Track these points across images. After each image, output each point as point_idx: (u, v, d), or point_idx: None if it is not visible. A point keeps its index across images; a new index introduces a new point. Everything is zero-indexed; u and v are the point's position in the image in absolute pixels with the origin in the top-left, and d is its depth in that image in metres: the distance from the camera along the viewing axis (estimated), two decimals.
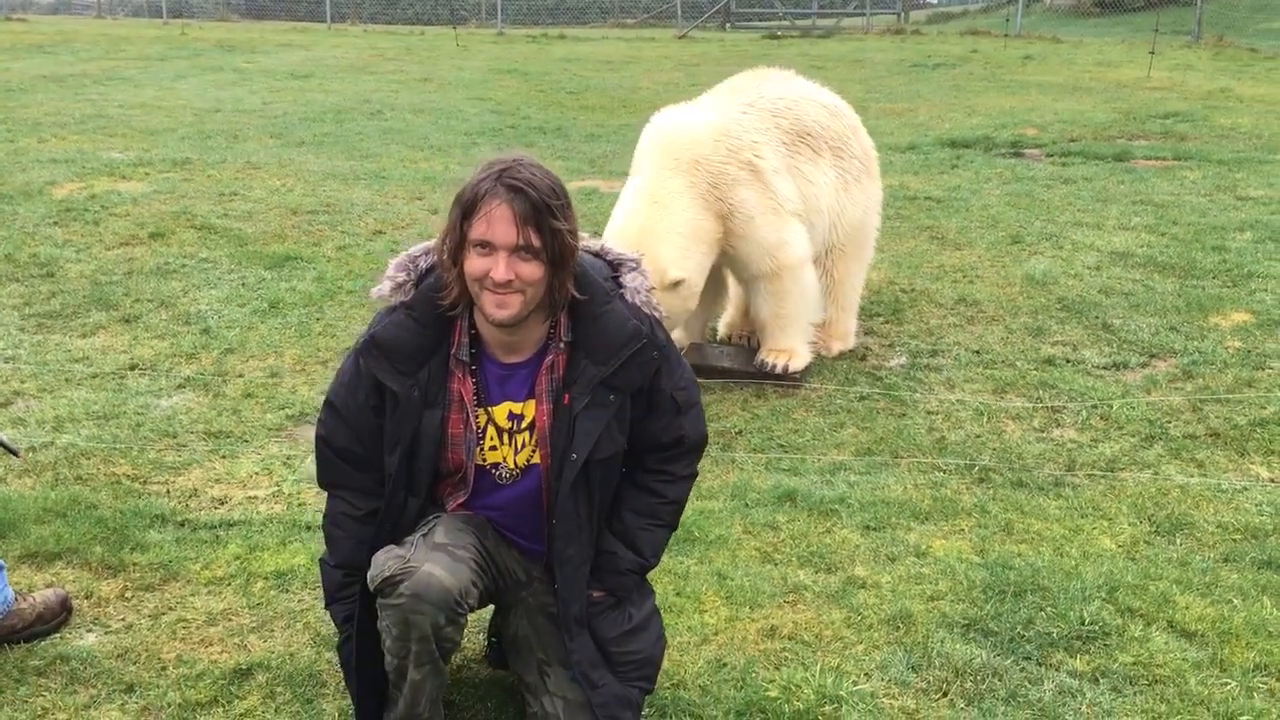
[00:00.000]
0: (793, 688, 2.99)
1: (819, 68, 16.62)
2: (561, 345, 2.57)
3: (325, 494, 2.76)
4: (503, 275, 2.37)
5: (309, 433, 4.55)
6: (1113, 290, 6.26)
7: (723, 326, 5.76)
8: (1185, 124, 11.15)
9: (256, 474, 4.21)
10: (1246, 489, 4.13)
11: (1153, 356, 5.38)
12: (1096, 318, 5.86)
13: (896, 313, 6.03)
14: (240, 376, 5.06)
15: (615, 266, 2.63)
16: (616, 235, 4.67)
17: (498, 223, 2.37)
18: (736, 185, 4.78)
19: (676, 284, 4.60)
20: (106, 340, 5.42)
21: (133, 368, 5.11)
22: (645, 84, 14.95)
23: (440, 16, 30.17)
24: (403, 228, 7.43)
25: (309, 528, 3.78)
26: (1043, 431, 4.66)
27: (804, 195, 4.99)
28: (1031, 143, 10.50)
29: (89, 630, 3.23)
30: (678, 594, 3.43)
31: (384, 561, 2.49)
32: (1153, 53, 15.49)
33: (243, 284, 6.23)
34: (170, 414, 4.67)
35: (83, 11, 31.67)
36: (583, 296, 2.51)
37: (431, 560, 2.47)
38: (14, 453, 3.37)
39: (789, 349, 5.09)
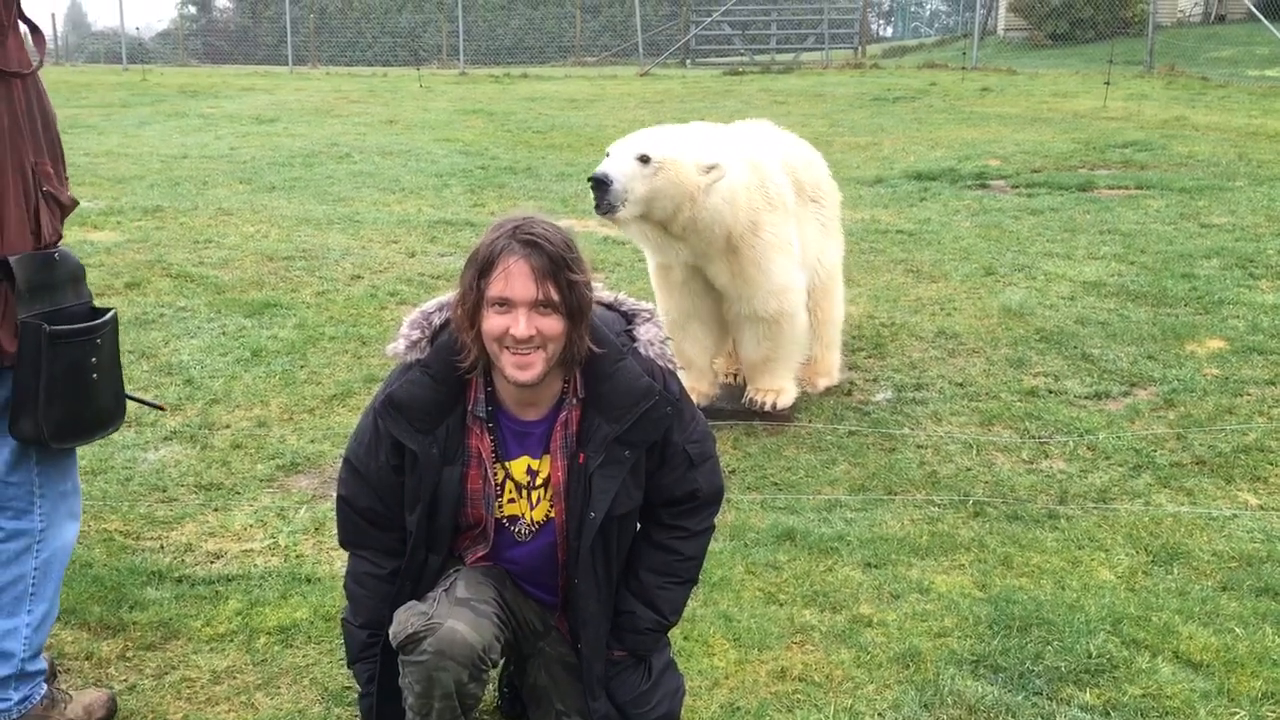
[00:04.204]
0: None
1: (781, 103, 16.82)
2: (575, 401, 2.57)
3: (348, 553, 2.75)
4: (523, 331, 2.38)
5: (301, 483, 4.54)
6: (1088, 320, 6.35)
7: None
8: (1144, 153, 11.36)
9: (250, 526, 4.17)
10: (1236, 516, 4.19)
11: (1133, 385, 5.46)
12: (1075, 348, 5.94)
13: (878, 347, 6.08)
14: (227, 427, 5.02)
15: (629, 318, 2.64)
16: (657, 132, 4.70)
17: (516, 279, 2.38)
18: (765, 204, 4.86)
19: (711, 169, 4.54)
20: None
21: None
22: (611, 122, 15.02)
23: (400, 58, 30.27)
24: (380, 271, 7.41)
25: (309, 580, 3.75)
26: (1032, 463, 4.71)
27: (803, 242, 5.07)
28: (996, 174, 10.66)
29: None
30: (685, 637, 3.42)
31: (406, 618, 2.48)
32: (1108, 83, 15.80)
33: (223, 333, 6.19)
34: (159, 467, 4.62)
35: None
36: (599, 351, 2.52)
37: (455, 616, 2.46)
38: (159, 407, 3.55)
39: (777, 388, 5.13)
